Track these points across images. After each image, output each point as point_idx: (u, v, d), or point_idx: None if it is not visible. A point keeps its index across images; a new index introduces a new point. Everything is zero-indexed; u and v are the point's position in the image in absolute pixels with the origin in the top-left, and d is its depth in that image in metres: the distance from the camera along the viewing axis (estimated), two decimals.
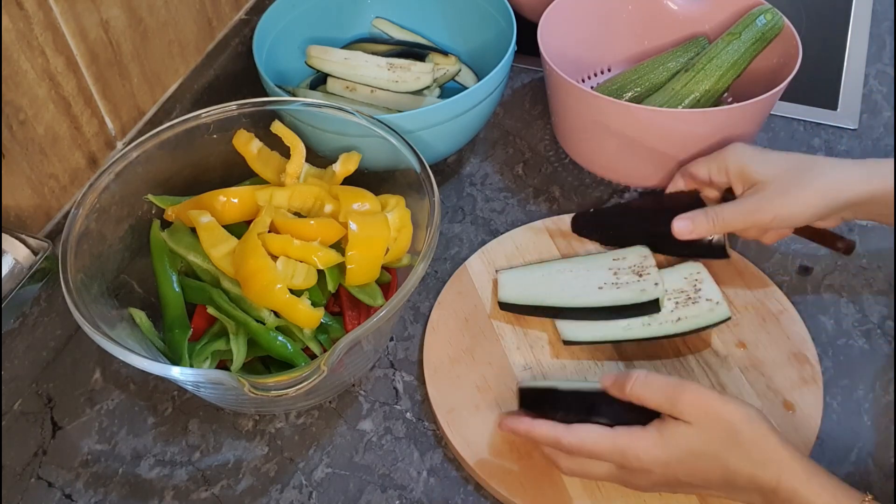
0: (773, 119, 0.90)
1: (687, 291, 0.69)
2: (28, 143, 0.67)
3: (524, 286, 0.71)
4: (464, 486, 0.63)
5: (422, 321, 0.73)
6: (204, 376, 0.58)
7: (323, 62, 0.84)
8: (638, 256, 0.71)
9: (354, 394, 0.68)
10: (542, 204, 0.83)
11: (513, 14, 0.83)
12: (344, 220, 0.64)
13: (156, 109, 0.82)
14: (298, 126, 0.74)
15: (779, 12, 0.81)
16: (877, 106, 0.91)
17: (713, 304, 0.67)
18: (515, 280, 0.72)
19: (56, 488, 0.64)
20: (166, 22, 0.80)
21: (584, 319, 0.68)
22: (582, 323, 0.68)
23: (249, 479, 0.64)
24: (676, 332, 0.67)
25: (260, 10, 0.89)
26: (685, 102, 0.81)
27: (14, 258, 0.62)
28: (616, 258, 0.71)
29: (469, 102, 0.76)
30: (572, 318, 0.69)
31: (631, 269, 0.70)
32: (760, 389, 0.65)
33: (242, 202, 0.68)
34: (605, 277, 0.70)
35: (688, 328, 0.67)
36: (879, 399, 0.66)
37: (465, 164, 0.88)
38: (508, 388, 0.67)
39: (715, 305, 0.67)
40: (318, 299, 0.65)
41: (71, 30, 0.68)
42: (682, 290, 0.69)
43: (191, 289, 0.67)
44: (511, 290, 0.71)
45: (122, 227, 0.68)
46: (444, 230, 0.81)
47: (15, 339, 0.67)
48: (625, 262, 0.71)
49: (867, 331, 0.70)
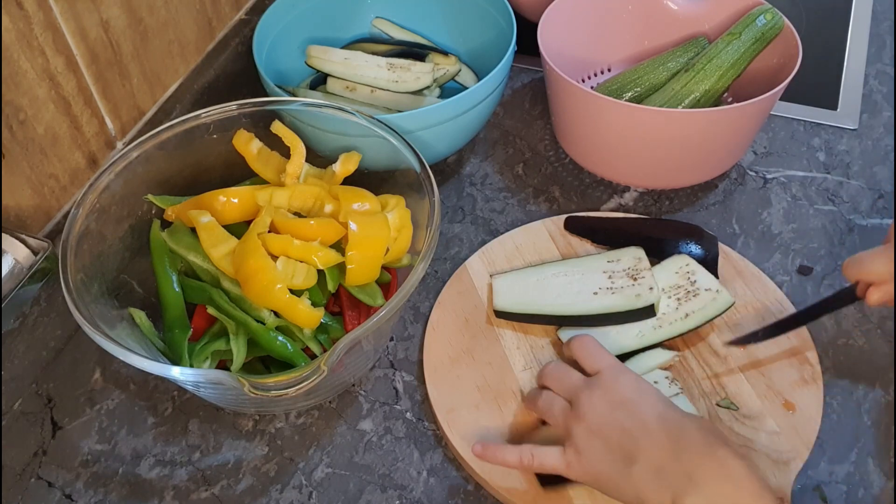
0: (773, 119, 0.90)
1: (683, 286, 0.69)
2: (28, 143, 0.67)
3: (519, 293, 0.71)
4: (464, 486, 0.63)
5: (422, 321, 0.73)
6: (204, 376, 0.58)
7: (323, 62, 0.84)
8: (632, 258, 0.71)
9: (354, 394, 0.68)
10: (542, 204, 0.83)
11: (513, 14, 0.83)
12: (344, 220, 0.64)
13: (156, 109, 0.82)
14: (298, 126, 0.74)
15: (779, 12, 0.81)
16: (877, 106, 0.91)
17: (713, 293, 0.67)
18: (510, 286, 0.72)
19: (56, 488, 0.64)
20: (166, 22, 0.80)
21: (581, 327, 0.68)
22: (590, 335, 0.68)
23: (249, 479, 0.64)
24: (688, 328, 0.67)
25: (260, 10, 0.89)
26: (685, 102, 0.81)
27: (14, 258, 0.62)
28: (610, 260, 0.71)
29: (469, 102, 0.76)
30: (569, 326, 0.69)
31: (625, 273, 0.70)
32: (760, 389, 0.65)
33: (242, 202, 0.67)
34: (599, 282, 0.70)
35: (698, 322, 0.67)
36: (879, 399, 0.66)
37: (465, 164, 0.88)
38: (508, 388, 0.67)
39: (716, 294, 0.67)
40: (318, 299, 0.65)
41: (71, 30, 0.68)
42: (677, 285, 0.69)
43: (191, 289, 0.67)
44: (506, 297, 0.71)
45: (122, 227, 0.68)
46: (444, 230, 0.81)
47: (15, 339, 0.67)
48: (619, 265, 0.70)
49: (867, 331, 0.70)
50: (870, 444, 0.63)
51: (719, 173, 0.83)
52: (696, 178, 0.81)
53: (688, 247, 0.72)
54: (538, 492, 0.60)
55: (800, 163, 0.86)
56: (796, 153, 0.87)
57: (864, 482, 0.61)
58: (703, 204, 0.82)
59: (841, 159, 0.86)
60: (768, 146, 0.87)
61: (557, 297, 0.70)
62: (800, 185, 0.83)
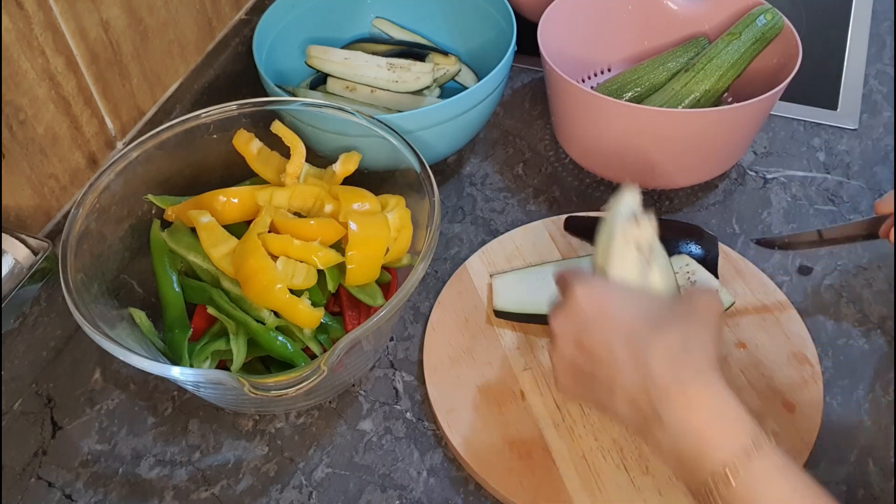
0: (773, 119, 0.90)
1: (684, 286, 0.69)
2: (28, 143, 0.67)
3: (519, 293, 0.71)
4: (464, 486, 0.63)
5: (422, 321, 0.73)
6: (204, 376, 0.58)
7: (323, 62, 0.84)
8: None
9: (354, 394, 0.68)
10: (542, 204, 0.83)
11: (513, 14, 0.83)
12: (344, 220, 0.64)
13: (156, 109, 0.82)
14: (298, 126, 0.74)
15: (779, 12, 0.81)
16: (877, 106, 0.91)
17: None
18: (510, 286, 0.72)
19: (56, 488, 0.64)
20: (166, 22, 0.80)
21: None
22: None
23: (249, 479, 0.64)
24: None
25: (260, 10, 0.89)
26: (685, 102, 0.81)
27: (14, 258, 0.62)
28: None
29: (469, 102, 0.76)
30: None
31: None
32: (760, 389, 0.65)
33: (242, 202, 0.67)
34: None
35: None
36: (879, 399, 0.66)
37: (465, 164, 0.88)
38: (508, 388, 0.67)
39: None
40: (318, 299, 0.65)
41: (71, 30, 0.68)
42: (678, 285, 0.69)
43: (191, 289, 0.67)
44: (506, 297, 0.71)
45: (122, 227, 0.68)
46: (444, 230, 0.81)
47: (15, 339, 0.67)
48: None
49: (867, 331, 0.70)
50: (870, 444, 0.63)
51: (719, 173, 0.83)
52: (696, 178, 0.81)
53: (688, 247, 0.72)
54: (538, 491, 0.60)
55: (800, 163, 0.86)
56: (796, 153, 0.87)
57: (864, 482, 0.61)
58: (703, 204, 0.82)
59: (841, 159, 0.86)
60: (768, 146, 0.88)
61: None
62: (800, 185, 0.83)
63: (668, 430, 0.47)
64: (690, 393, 0.47)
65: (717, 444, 0.46)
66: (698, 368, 0.48)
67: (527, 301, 0.70)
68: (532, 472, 0.61)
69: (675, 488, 0.60)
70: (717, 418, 0.47)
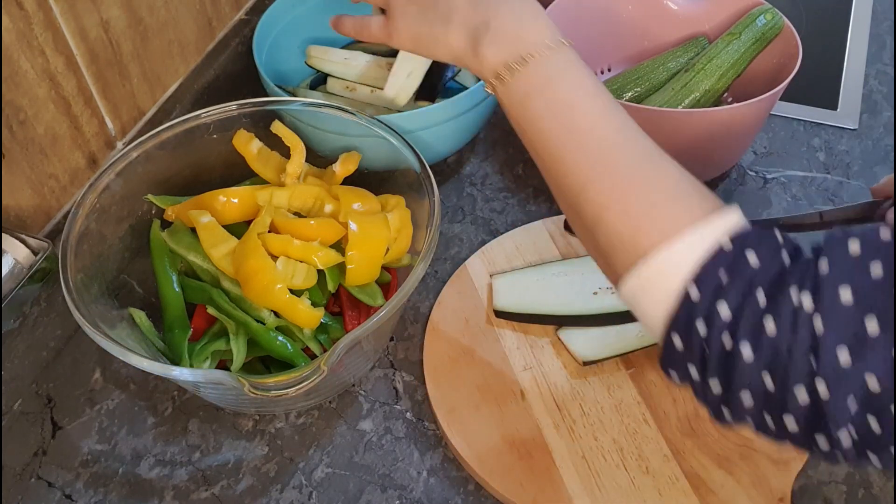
0: (773, 119, 0.90)
1: None
2: (28, 143, 0.67)
3: (519, 293, 0.71)
4: (464, 486, 0.63)
5: (422, 321, 0.73)
6: (204, 376, 0.58)
7: (323, 62, 0.84)
8: None
9: (354, 394, 0.68)
10: (542, 204, 0.83)
11: None
12: (344, 220, 0.64)
13: (156, 109, 0.82)
14: (298, 126, 0.74)
15: (779, 12, 0.81)
16: (877, 106, 0.91)
17: None
18: (510, 286, 0.72)
19: (56, 488, 0.64)
20: (166, 22, 0.80)
21: (581, 326, 0.68)
22: (590, 335, 0.68)
23: (249, 479, 0.64)
24: None
25: (260, 10, 0.89)
26: (685, 102, 0.81)
27: (14, 258, 0.62)
28: None
29: (469, 102, 0.76)
30: (568, 326, 0.69)
31: None
32: None
33: (242, 202, 0.68)
34: (599, 282, 0.70)
35: None
36: None
37: (465, 164, 0.88)
38: (508, 388, 0.67)
39: None
40: (318, 299, 0.65)
41: (71, 30, 0.68)
42: None
43: (191, 289, 0.67)
44: (506, 297, 0.71)
45: (122, 227, 0.68)
46: (444, 230, 0.81)
47: (15, 339, 0.67)
48: None
49: None
50: None
51: (719, 173, 0.83)
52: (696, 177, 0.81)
53: None
54: (538, 491, 0.60)
55: (800, 163, 0.86)
56: (796, 153, 0.87)
57: (864, 482, 0.61)
58: None
59: (841, 159, 0.86)
60: (768, 146, 0.88)
61: (557, 297, 0.70)
62: (800, 185, 0.83)
63: (495, 39, 0.53)
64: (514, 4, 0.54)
65: (530, 36, 0.53)
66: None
67: (527, 301, 0.70)
68: (532, 472, 0.61)
69: (675, 488, 0.60)
70: (534, 16, 0.54)
